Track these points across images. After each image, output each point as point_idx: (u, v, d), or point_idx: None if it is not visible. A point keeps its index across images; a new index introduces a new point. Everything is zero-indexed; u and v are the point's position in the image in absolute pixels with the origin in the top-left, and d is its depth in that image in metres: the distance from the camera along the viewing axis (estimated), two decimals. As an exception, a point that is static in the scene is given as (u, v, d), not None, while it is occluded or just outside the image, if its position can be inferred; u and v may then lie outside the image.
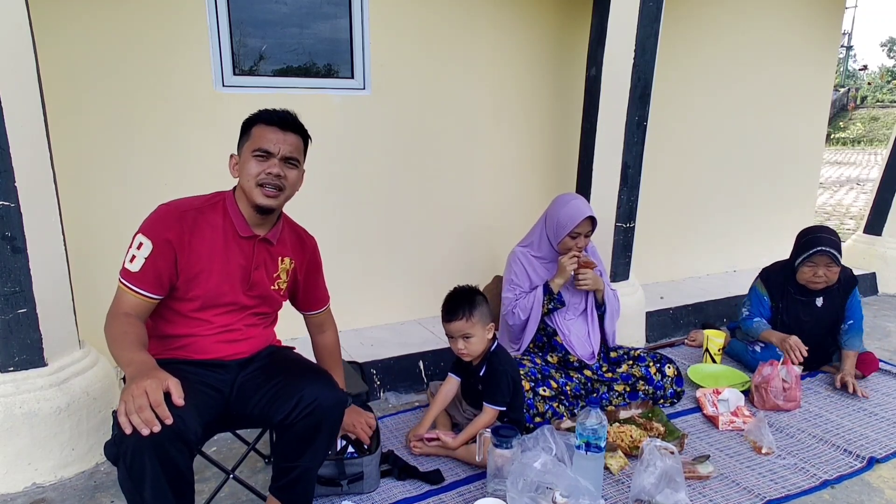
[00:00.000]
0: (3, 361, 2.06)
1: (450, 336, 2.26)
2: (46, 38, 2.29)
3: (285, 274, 1.83)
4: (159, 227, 1.61)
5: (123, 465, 1.38)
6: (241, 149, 1.72)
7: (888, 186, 4.54)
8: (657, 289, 4.06)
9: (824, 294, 2.93)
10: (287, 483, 1.72)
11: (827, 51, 4.65)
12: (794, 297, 2.96)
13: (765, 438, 2.35)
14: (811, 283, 2.88)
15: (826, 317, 2.95)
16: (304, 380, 1.68)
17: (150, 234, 1.60)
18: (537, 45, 3.45)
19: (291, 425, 1.63)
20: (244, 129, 1.73)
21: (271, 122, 1.69)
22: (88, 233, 2.61)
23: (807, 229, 2.98)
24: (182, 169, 2.75)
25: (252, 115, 1.73)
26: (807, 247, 2.84)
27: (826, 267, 2.82)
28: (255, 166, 1.67)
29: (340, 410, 1.72)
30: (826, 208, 9.40)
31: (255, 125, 1.70)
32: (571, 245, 2.59)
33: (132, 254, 1.59)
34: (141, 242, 1.59)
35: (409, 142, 3.23)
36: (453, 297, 2.25)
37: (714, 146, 4.27)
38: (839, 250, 2.80)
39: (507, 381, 2.22)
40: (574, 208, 2.59)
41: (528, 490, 1.81)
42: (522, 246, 2.75)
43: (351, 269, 3.21)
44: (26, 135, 1.98)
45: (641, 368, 2.68)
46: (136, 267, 1.59)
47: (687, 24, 3.87)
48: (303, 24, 2.91)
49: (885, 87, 33.08)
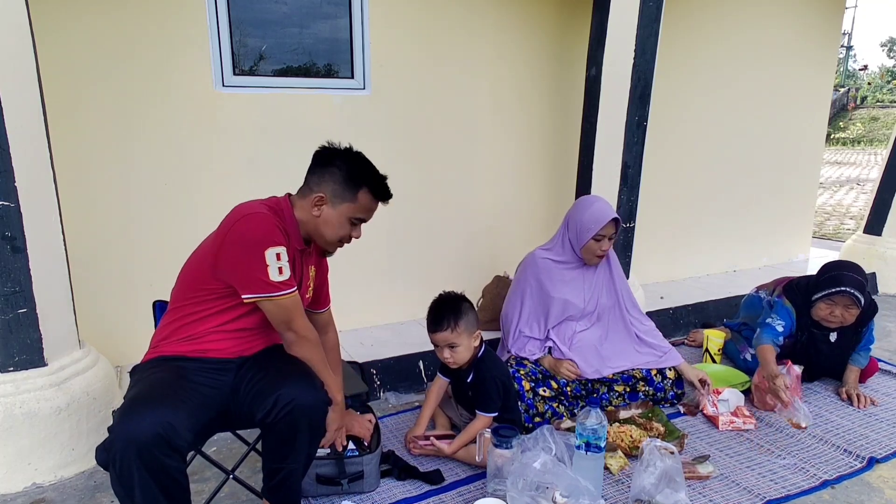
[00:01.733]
0: (3, 361, 2.06)
1: (435, 345, 2.23)
2: (46, 38, 2.29)
3: (311, 282, 1.88)
4: (278, 231, 1.63)
5: (113, 470, 1.40)
6: (334, 196, 1.73)
7: (888, 186, 4.54)
8: (657, 289, 4.06)
9: (839, 330, 2.74)
10: (275, 484, 1.73)
11: (827, 51, 4.65)
12: (809, 330, 2.76)
13: (800, 412, 2.45)
14: (824, 321, 2.69)
15: (839, 351, 2.81)
16: (285, 379, 1.67)
17: (279, 241, 1.62)
18: (537, 45, 3.45)
19: (272, 425, 1.63)
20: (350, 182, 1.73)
21: (382, 197, 1.79)
22: (88, 233, 2.61)
23: (832, 264, 2.77)
24: (182, 169, 2.75)
25: (362, 175, 1.75)
26: (829, 284, 2.63)
27: (844, 308, 2.62)
28: (347, 230, 1.78)
29: (320, 411, 1.69)
30: (826, 208, 9.40)
31: (363, 191, 1.74)
32: (595, 248, 2.55)
33: (276, 267, 1.61)
34: (278, 253, 1.61)
35: (409, 142, 3.23)
36: (438, 306, 2.21)
37: (714, 146, 4.27)
38: (863, 291, 2.59)
39: (496, 386, 2.19)
40: (599, 210, 2.54)
41: (528, 490, 1.82)
42: (544, 249, 2.69)
43: (351, 269, 3.21)
44: (26, 135, 1.98)
45: (641, 369, 2.68)
46: (287, 274, 1.63)
47: (687, 25, 3.87)
48: (303, 24, 2.91)
49: (885, 87, 33.10)
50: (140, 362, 1.73)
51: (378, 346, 3.06)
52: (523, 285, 2.67)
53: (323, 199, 1.72)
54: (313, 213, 1.73)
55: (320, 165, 1.75)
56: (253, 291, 1.61)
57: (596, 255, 2.58)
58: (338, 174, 1.72)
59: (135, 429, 1.38)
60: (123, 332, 2.70)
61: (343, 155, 1.76)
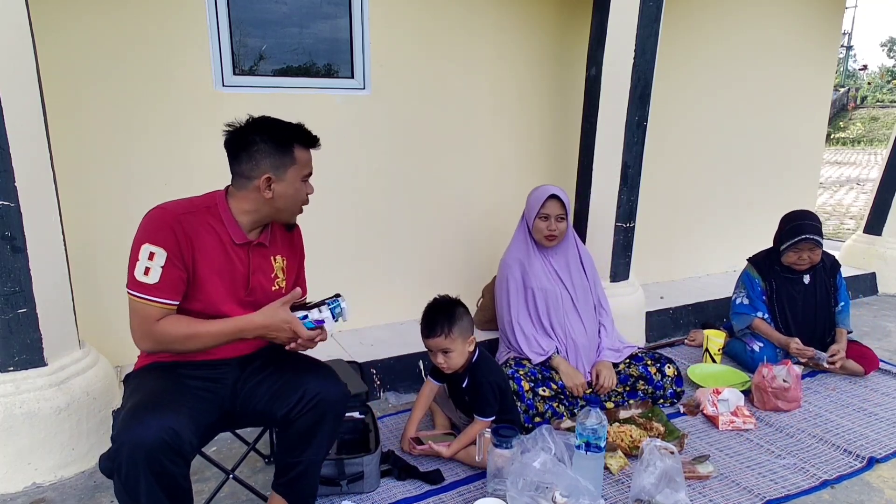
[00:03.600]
0: (3, 361, 2.06)
1: (429, 350, 2.23)
2: (46, 38, 2.29)
3: (281, 272, 1.80)
4: (165, 231, 1.54)
5: (118, 479, 1.39)
6: (275, 169, 1.64)
7: (888, 186, 4.54)
8: (657, 289, 4.06)
9: (810, 272, 3.10)
10: (292, 478, 1.73)
11: (827, 51, 4.65)
12: (783, 276, 3.11)
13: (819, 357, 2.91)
14: (796, 265, 3.05)
15: (815, 293, 3.10)
16: (308, 374, 1.69)
17: (158, 241, 1.53)
18: (537, 44, 3.45)
19: (294, 420, 1.64)
20: (281, 148, 1.64)
21: (310, 143, 1.70)
22: (88, 233, 2.61)
23: (790, 215, 3.11)
24: (182, 169, 2.75)
25: (285, 134, 1.65)
26: (791, 234, 3.01)
27: (810, 251, 2.99)
28: (304, 190, 1.71)
29: (344, 404, 1.73)
30: (826, 208, 9.40)
31: (295, 148, 1.66)
32: (542, 227, 2.64)
33: (144, 266, 1.51)
34: (152, 252, 1.52)
35: (409, 142, 3.23)
36: (431, 311, 2.19)
37: (714, 146, 4.27)
38: (821, 234, 3.00)
39: (493, 391, 2.18)
40: (540, 191, 2.68)
41: (528, 490, 1.82)
42: (508, 250, 2.78)
43: (351, 269, 3.21)
44: (26, 134, 1.98)
45: (641, 368, 2.68)
46: (155, 278, 1.52)
47: (687, 24, 3.87)
48: (303, 24, 2.91)
49: (885, 86, 33.08)
50: (133, 370, 1.72)
51: (378, 345, 3.06)
52: (504, 284, 2.72)
53: (270, 179, 1.63)
54: (265, 196, 1.64)
55: (242, 150, 1.63)
56: (127, 286, 1.55)
57: (544, 235, 2.65)
58: (265, 147, 1.62)
59: (141, 436, 1.37)
60: (123, 332, 2.64)
61: (253, 129, 1.64)
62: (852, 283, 4.27)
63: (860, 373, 2.97)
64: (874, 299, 4.44)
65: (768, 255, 3.17)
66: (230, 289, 1.67)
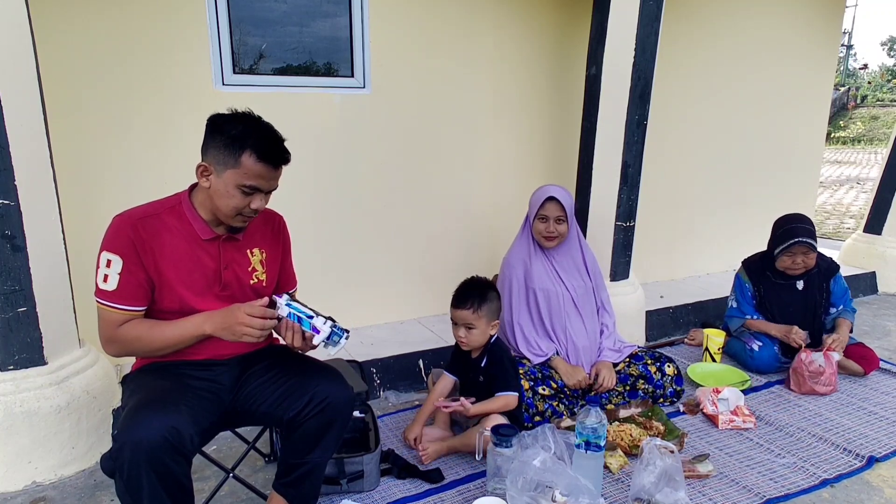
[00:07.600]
0: (3, 360, 2.06)
1: (454, 322, 2.29)
2: (46, 38, 2.29)
3: (260, 265, 1.75)
4: (122, 239, 1.55)
5: (120, 479, 1.39)
6: (217, 163, 1.55)
7: (888, 186, 4.54)
8: (657, 288, 4.06)
9: (804, 278, 3.05)
10: (295, 479, 1.73)
11: (827, 50, 4.65)
12: (775, 282, 3.08)
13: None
14: (790, 270, 3.00)
15: (808, 299, 3.06)
16: (316, 377, 1.69)
17: (114, 248, 1.54)
18: (537, 43, 3.45)
19: (302, 423, 1.64)
20: (232, 146, 1.54)
21: (266, 158, 1.54)
22: (88, 232, 2.60)
23: (782, 219, 3.07)
24: (182, 168, 2.73)
25: (243, 136, 1.54)
26: (784, 238, 2.96)
27: (804, 255, 2.94)
28: (239, 200, 1.56)
29: (352, 408, 1.74)
30: (826, 207, 9.40)
31: (245, 154, 1.53)
32: (541, 229, 2.63)
33: (103, 273, 1.54)
34: (109, 259, 1.54)
35: (409, 141, 3.23)
36: (467, 286, 2.29)
37: (714, 145, 4.26)
38: (815, 237, 2.95)
39: (513, 365, 2.28)
40: (540, 192, 2.67)
41: (528, 489, 1.81)
42: (510, 250, 2.78)
43: (350, 268, 3.21)
44: (26, 133, 1.98)
45: (641, 367, 2.68)
46: (113, 285, 1.54)
47: (687, 24, 3.87)
48: (302, 23, 2.91)
49: (886, 86, 33.04)
50: (131, 370, 1.72)
51: (378, 344, 3.06)
52: (507, 284, 2.72)
53: (207, 168, 1.56)
54: (203, 185, 1.58)
55: (208, 133, 1.58)
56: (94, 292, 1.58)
57: (543, 236, 2.64)
58: (220, 139, 1.54)
59: (143, 435, 1.36)
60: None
61: (230, 118, 1.57)
62: (852, 283, 4.26)
63: (860, 373, 2.97)
64: (874, 299, 4.44)
65: (762, 260, 3.14)
66: (203, 285, 1.64)
